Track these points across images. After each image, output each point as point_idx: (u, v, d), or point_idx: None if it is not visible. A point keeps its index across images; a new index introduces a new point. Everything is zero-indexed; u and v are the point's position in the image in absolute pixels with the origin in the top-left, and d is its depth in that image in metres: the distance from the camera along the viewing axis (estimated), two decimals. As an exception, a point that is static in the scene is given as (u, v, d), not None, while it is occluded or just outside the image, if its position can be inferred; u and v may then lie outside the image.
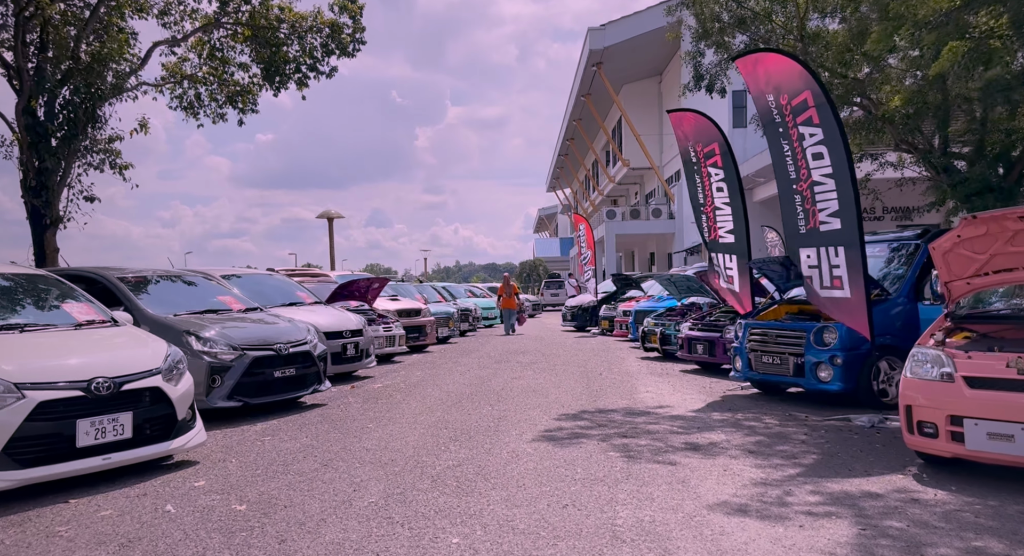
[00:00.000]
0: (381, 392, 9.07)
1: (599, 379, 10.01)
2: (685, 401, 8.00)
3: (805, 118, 6.45)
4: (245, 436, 6.45)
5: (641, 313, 15.07)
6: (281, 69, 18.53)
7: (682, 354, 10.92)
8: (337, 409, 7.83)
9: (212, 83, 19.26)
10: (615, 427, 6.52)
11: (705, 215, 9.03)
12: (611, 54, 36.99)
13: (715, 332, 10.27)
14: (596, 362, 12.33)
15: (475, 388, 9.26)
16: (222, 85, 19.29)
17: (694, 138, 8.88)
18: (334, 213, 22.95)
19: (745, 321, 8.27)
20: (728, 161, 8.63)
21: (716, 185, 8.78)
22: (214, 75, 19.07)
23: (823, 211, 6.54)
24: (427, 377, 10.54)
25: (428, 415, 7.32)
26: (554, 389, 9.08)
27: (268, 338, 7.59)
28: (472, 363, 12.49)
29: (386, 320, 13.11)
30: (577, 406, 7.75)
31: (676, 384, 9.40)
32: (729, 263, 8.85)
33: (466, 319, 20.82)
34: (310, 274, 14.51)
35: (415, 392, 8.99)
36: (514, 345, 16.42)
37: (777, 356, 7.65)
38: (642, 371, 10.96)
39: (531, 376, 10.45)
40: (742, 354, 8.15)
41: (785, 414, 7.09)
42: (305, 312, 10.20)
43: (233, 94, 19.20)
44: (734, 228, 8.71)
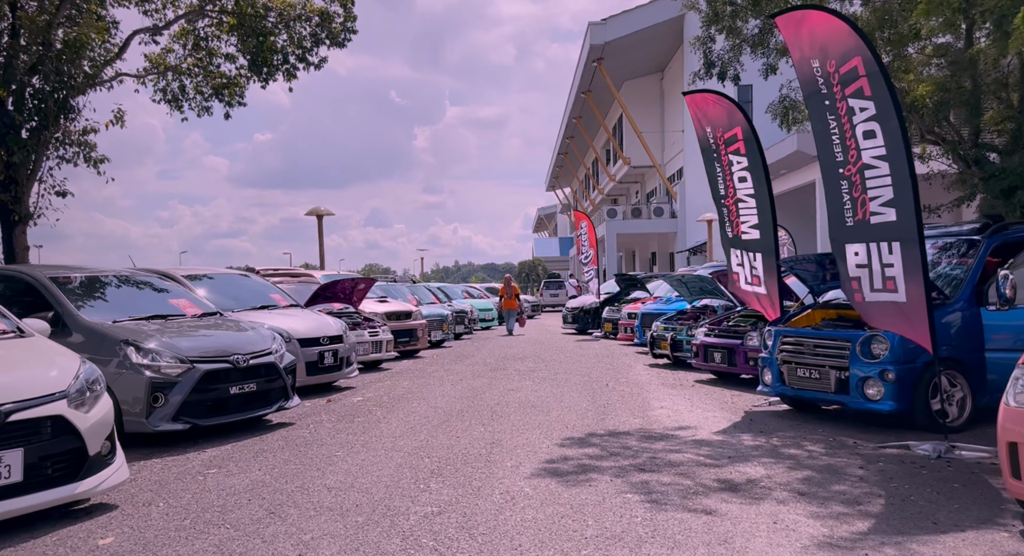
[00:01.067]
0: (360, 407, 8.02)
1: (606, 391, 8.97)
2: (707, 420, 6.95)
3: (855, 89, 5.40)
4: (186, 468, 5.39)
5: (648, 316, 14.03)
6: (268, 60, 17.57)
7: (697, 363, 9.88)
8: (305, 430, 6.77)
9: (197, 75, 18.31)
10: (630, 456, 5.47)
11: (726, 208, 7.98)
12: (612, 49, 36.00)
13: (735, 339, 9.22)
14: (601, 370, 11.28)
15: (467, 402, 8.21)
16: (207, 77, 18.36)
17: (713, 122, 7.83)
18: (324, 210, 21.88)
19: (775, 328, 7.22)
20: (752, 147, 7.59)
21: (738, 174, 7.74)
22: (199, 66, 18.14)
23: (875, 200, 5.49)
24: (414, 388, 9.48)
25: (409, 438, 6.27)
26: (556, 404, 8.03)
27: (225, 348, 6.54)
28: (465, 371, 11.44)
29: (372, 324, 12.06)
30: (583, 426, 6.70)
31: (693, 398, 8.35)
32: (754, 262, 7.80)
33: (461, 321, 19.77)
34: (292, 274, 13.46)
35: (398, 407, 7.94)
36: (511, 350, 15.38)
37: (815, 369, 6.60)
38: (652, 381, 9.91)
39: (530, 387, 9.41)
40: (772, 366, 7.10)
41: (829, 439, 6.04)
42: (278, 316, 9.15)
43: (219, 86, 18.26)
44: (759, 222, 7.67)
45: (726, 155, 7.79)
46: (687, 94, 8.17)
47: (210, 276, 9.70)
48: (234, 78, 18.24)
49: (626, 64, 38.69)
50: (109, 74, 17.44)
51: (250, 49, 17.35)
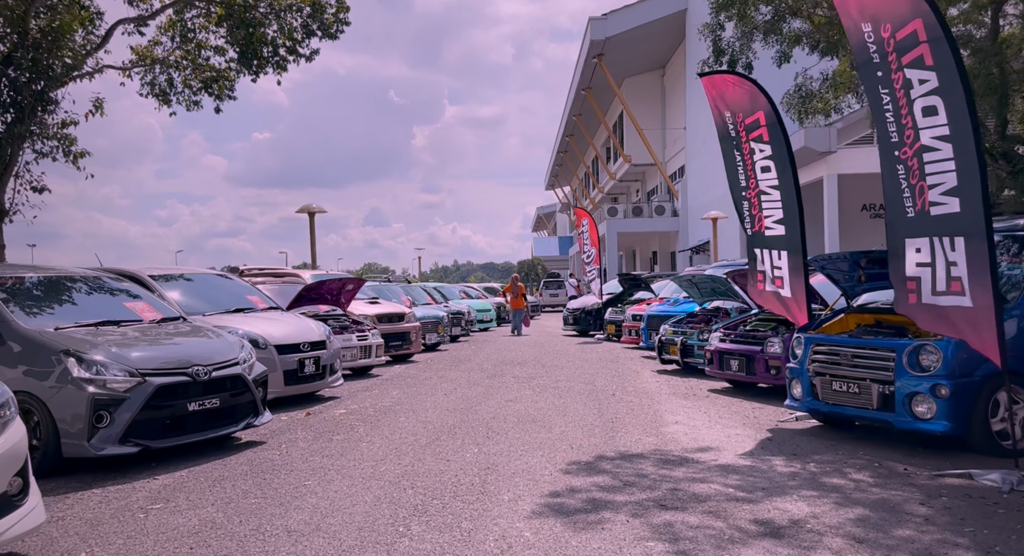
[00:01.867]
0: (341, 422, 7.23)
1: (613, 402, 8.19)
2: (730, 439, 6.17)
3: (914, 58, 4.62)
4: (128, 502, 4.60)
5: (655, 318, 13.24)
6: (258, 52, 16.82)
7: (711, 370, 9.10)
8: (276, 451, 5.98)
9: (186, 68, 17.56)
10: (648, 487, 4.69)
11: (748, 201, 7.19)
12: (613, 45, 35.24)
13: (754, 345, 8.44)
14: (606, 377, 10.50)
15: (460, 416, 7.43)
16: (196, 70, 17.62)
17: (733, 106, 7.05)
18: (315, 208, 21.07)
19: (806, 335, 6.44)
20: (777, 133, 6.81)
21: (761, 164, 6.95)
22: (187, 59, 17.40)
23: (935, 188, 4.71)
24: (404, 399, 8.69)
25: (393, 462, 5.49)
26: (559, 418, 7.25)
27: (184, 358, 5.75)
28: (460, 378, 10.65)
29: (361, 327, 11.28)
30: (591, 447, 5.92)
31: (710, 411, 7.57)
32: (778, 261, 7.02)
33: (458, 323, 18.98)
34: (276, 274, 12.67)
35: (384, 422, 7.15)
36: (510, 353, 14.59)
37: (853, 383, 5.82)
38: (663, 390, 9.13)
39: (529, 397, 8.62)
40: (802, 378, 6.32)
41: (874, 464, 5.26)
42: (254, 320, 8.37)
43: (208, 80, 17.52)
44: (784, 217, 6.89)
45: (747, 143, 7.01)
46: (703, 75, 7.39)
47: (183, 277, 8.92)
48: (223, 71, 17.56)
49: (627, 60, 37.97)
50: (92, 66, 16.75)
51: (239, 40, 16.64)
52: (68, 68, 15.37)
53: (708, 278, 10.92)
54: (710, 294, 11.33)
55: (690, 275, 11.46)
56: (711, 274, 10.96)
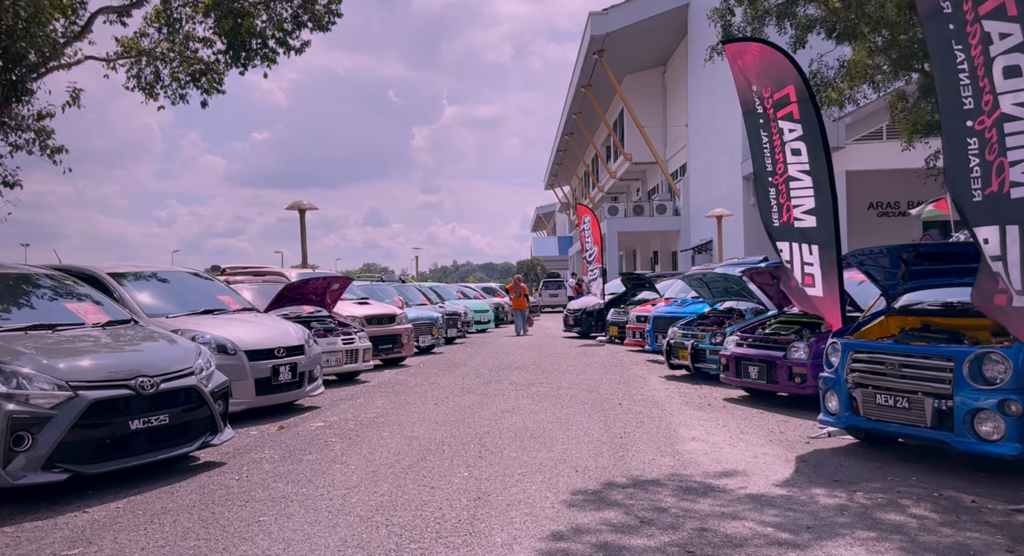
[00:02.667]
0: (317, 438, 6.43)
1: (620, 413, 7.40)
2: (757, 460, 5.39)
3: (993, 7, 3.83)
4: (37, 548, 3.80)
5: (661, 320, 12.46)
6: (246, 43, 16.06)
7: (726, 377, 8.31)
8: (235, 474, 5.19)
9: (173, 60, 16.80)
10: (670, 527, 3.90)
11: (775, 188, 6.40)
12: (613, 41, 34.50)
13: (775, 350, 7.66)
14: (611, 384, 9.71)
15: (450, 430, 6.64)
16: (184, 62, 16.87)
17: (759, 79, 6.26)
18: (306, 205, 20.26)
19: (843, 341, 5.65)
20: (809, 112, 6.03)
21: (791, 146, 6.17)
22: (174, 51, 16.64)
23: (1017, 165, 3.92)
24: (390, 409, 7.90)
25: (368, 490, 4.70)
26: (561, 432, 6.46)
27: (127, 367, 4.96)
28: (453, 384, 9.86)
29: (347, 329, 10.49)
30: (598, 469, 5.14)
31: (729, 425, 6.78)
32: (808, 256, 6.23)
33: (454, 324, 18.17)
34: (258, 272, 11.88)
35: (364, 438, 6.36)
36: (508, 357, 13.80)
37: (902, 396, 5.03)
38: (674, 399, 8.34)
39: (528, 407, 7.84)
40: (839, 389, 5.53)
41: (933, 494, 4.47)
42: (224, 323, 7.58)
43: (196, 73, 16.76)
44: (816, 207, 6.10)
45: (775, 121, 6.22)
46: (727, 43, 6.60)
47: (149, 275, 8.12)
48: (211, 64, 16.84)
49: (628, 57, 37.23)
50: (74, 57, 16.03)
51: (226, 31, 15.87)
52: (45, 57, 14.60)
53: (720, 277, 10.14)
54: (722, 294, 10.56)
55: (701, 274, 10.68)
56: (723, 273, 10.17)
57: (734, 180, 27.53)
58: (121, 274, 7.75)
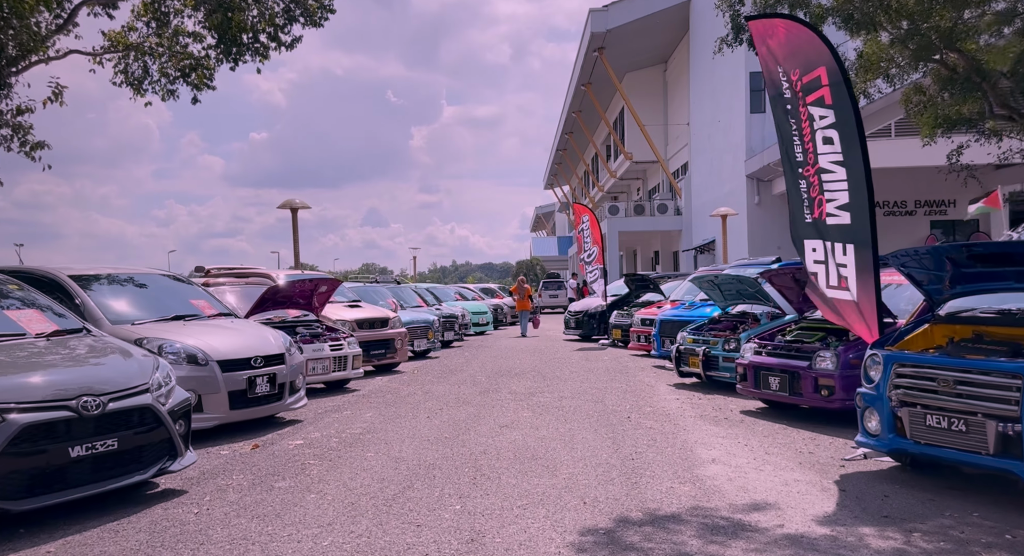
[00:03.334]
0: (294, 459, 5.78)
1: (629, 429, 6.76)
2: (789, 489, 4.74)
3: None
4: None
5: (668, 324, 11.83)
6: (237, 38, 15.47)
7: (744, 388, 7.67)
8: (193, 507, 4.54)
9: (161, 55, 16.20)
10: (699, 580, 3.26)
11: (805, 181, 5.75)
12: (614, 38, 33.88)
13: (799, 359, 7.02)
14: (616, 393, 9.07)
15: (442, 449, 5.99)
16: (173, 57, 16.28)
17: (788, 60, 5.62)
18: (298, 203, 19.61)
19: (885, 352, 5.01)
20: (842, 96, 5.39)
21: (823, 134, 5.53)
22: (163, 46, 16.06)
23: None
24: (377, 424, 7.25)
25: (342, 529, 4.05)
26: (565, 452, 5.82)
27: (70, 385, 4.31)
28: (448, 394, 9.22)
29: (336, 335, 9.84)
30: (609, 502, 4.50)
31: (751, 443, 6.14)
32: (842, 257, 5.59)
33: (451, 327, 17.51)
34: (242, 274, 11.23)
35: (346, 459, 5.71)
36: (507, 362, 13.16)
37: (958, 418, 4.39)
38: (686, 412, 7.70)
39: (528, 421, 7.20)
40: (881, 408, 4.89)
41: (1007, 537, 3.83)
42: (196, 330, 6.93)
43: (186, 68, 16.16)
44: (851, 202, 5.47)
45: (804, 107, 5.57)
46: (751, 19, 5.96)
47: (117, 278, 7.48)
48: (202, 59, 16.27)
49: (628, 54, 36.61)
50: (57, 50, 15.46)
51: (216, 25, 15.29)
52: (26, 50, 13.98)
53: (733, 278, 9.50)
54: (735, 297, 9.92)
55: (712, 275, 10.04)
56: (737, 274, 9.53)
57: (738, 179, 26.92)
58: (85, 277, 7.11)
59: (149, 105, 16.73)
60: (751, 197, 26.13)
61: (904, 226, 24.80)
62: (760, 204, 26.04)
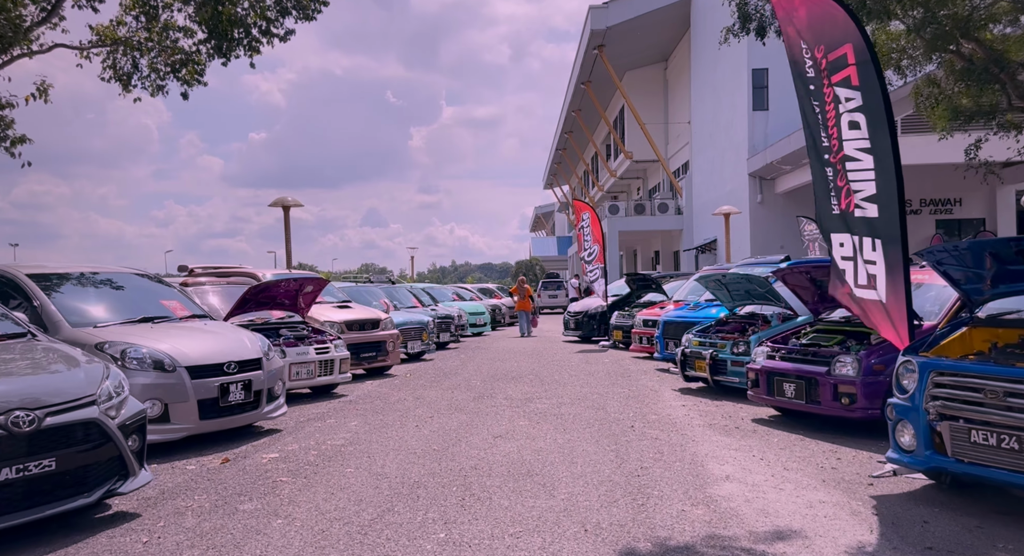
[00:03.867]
0: (265, 475, 5.26)
1: (634, 439, 6.24)
2: (815, 513, 4.23)
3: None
4: None
5: (672, 325, 11.31)
6: (228, 32, 15.01)
7: (755, 395, 7.15)
8: (144, 535, 4.01)
9: (151, 50, 15.74)
10: (723, 634, 2.75)
11: (831, 168, 5.24)
12: (614, 35, 33.39)
13: (817, 365, 6.50)
14: (618, 398, 8.56)
15: (430, 463, 5.47)
16: (163, 52, 15.82)
17: (812, 36, 5.11)
18: (290, 201, 19.10)
19: (920, 359, 4.49)
20: (870, 76, 4.88)
21: (849, 118, 5.02)
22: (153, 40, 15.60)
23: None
24: (362, 434, 6.73)
25: (311, 562, 3.54)
26: (564, 467, 5.31)
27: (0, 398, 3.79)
28: (441, 399, 8.70)
29: (322, 337, 9.32)
30: (613, 529, 3.98)
31: (767, 456, 5.63)
32: (870, 254, 5.08)
33: (447, 328, 17.00)
34: (225, 273, 10.72)
35: (323, 475, 5.20)
36: (504, 364, 12.64)
37: (1010, 434, 3.88)
38: (694, 420, 7.19)
39: (525, 431, 6.68)
40: (916, 421, 4.37)
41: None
42: (165, 333, 6.41)
43: (176, 63, 15.71)
44: (879, 192, 4.96)
45: (830, 87, 5.06)
46: (772, -10, 5.44)
47: (82, 277, 6.95)
48: (192, 54, 15.81)
49: (628, 52, 36.13)
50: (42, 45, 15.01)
51: (206, 19, 14.83)
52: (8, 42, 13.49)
53: (742, 278, 8.99)
54: (743, 297, 9.41)
55: (719, 274, 9.52)
56: (747, 274, 9.02)
57: (740, 177, 26.42)
58: (47, 277, 6.59)
59: (138, 101, 16.25)
60: (753, 196, 25.64)
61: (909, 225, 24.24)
62: (763, 203, 25.56)
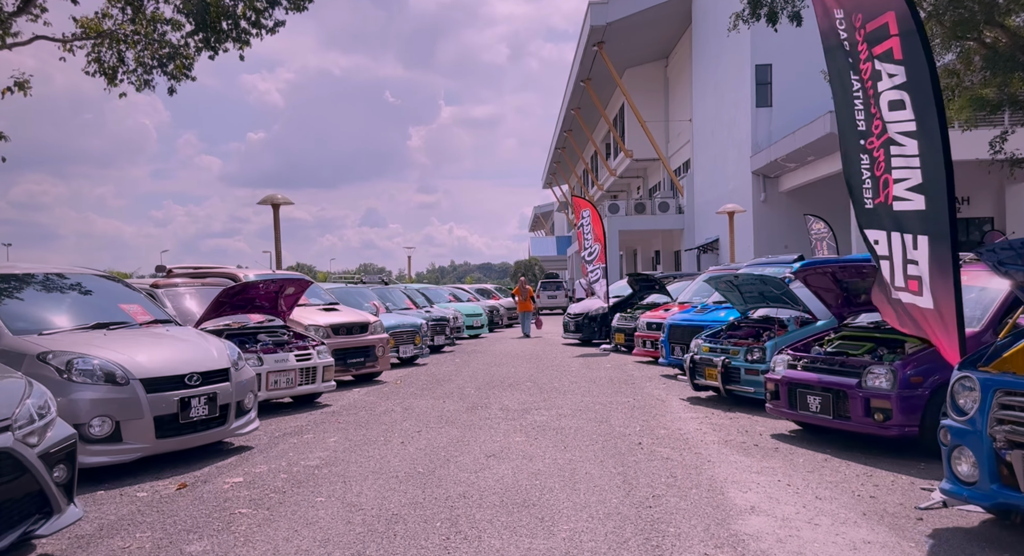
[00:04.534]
0: (223, 506, 4.61)
1: (642, 459, 5.60)
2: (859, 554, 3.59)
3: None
4: None
5: (679, 329, 10.67)
6: (216, 24, 14.46)
7: (775, 407, 6.51)
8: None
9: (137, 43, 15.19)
10: None
11: (870, 155, 4.61)
12: (614, 32, 32.77)
13: (846, 376, 5.85)
14: (623, 409, 7.92)
15: (412, 492, 4.82)
16: (149, 45, 15.25)
17: (851, 2, 4.47)
18: (281, 199, 18.48)
19: (981, 374, 3.85)
20: (915, 48, 4.24)
21: (890, 96, 4.38)
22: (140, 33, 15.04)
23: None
24: (340, 452, 6.08)
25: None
26: (565, 496, 4.66)
27: None
28: (431, 410, 8.06)
29: (304, 343, 8.67)
30: (624, 578, 3.34)
31: (794, 481, 4.98)
32: (913, 252, 4.44)
33: (442, 331, 16.36)
34: (202, 273, 10.06)
35: (288, 506, 4.54)
36: (500, 369, 12.00)
37: (1101, 467, 3.23)
38: (707, 436, 6.54)
39: (520, 449, 6.03)
40: (978, 448, 3.73)
41: None
42: (121, 340, 5.76)
43: (164, 57, 15.15)
44: (925, 182, 4.33)
45: (868, 61, 4.42)
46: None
47: (31, 278, 6.28)
48: (180, 47, 15.25)
49: (628, 49, 35.53)
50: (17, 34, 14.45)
51: (193, 11, 14.25)
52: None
53: (756, 279, 8.35)
54: (756, 300, 8.77)
55: (730, 275, 8.87)
56: (762, 274, 8.38)
57: (743, 175, 25.81)
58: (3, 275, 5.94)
59: (124, 96, 15.65)
60: (757, 194, 25.03)
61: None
62: (766, 201, 24.95)
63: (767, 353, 7.71)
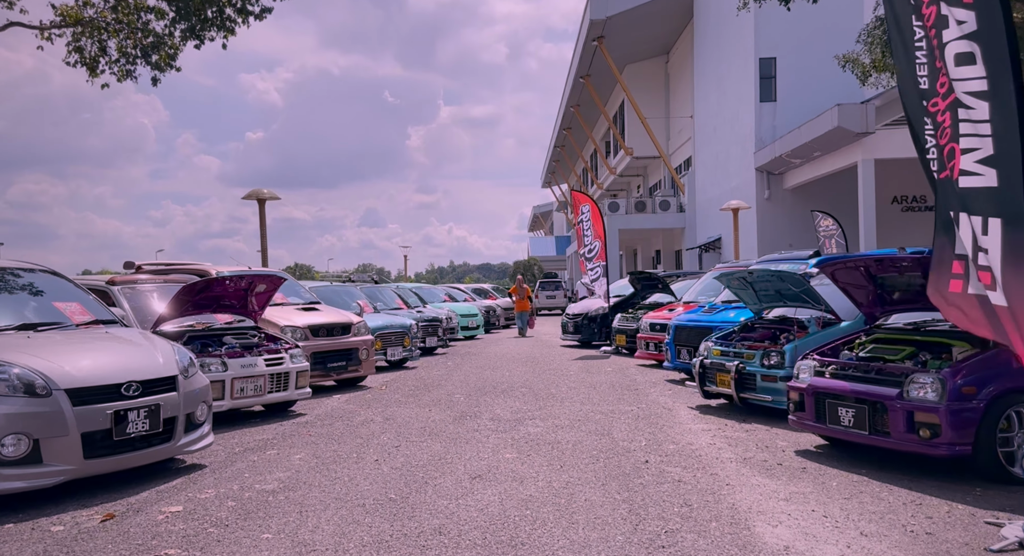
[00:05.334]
0: (147, 546, 3.82)
1: (650, 482, 4.83)
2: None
3: None
4: None
5: (685, 330, 9.90)
6: (201, 11, 13.78)
7: (799, 420, 5.74)
8: None
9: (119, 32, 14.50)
10: None
11: (932, 119, 3.84)
12: (614, 26, 31.99)
13: (885, 385, 5.08)
14: (626, 419, 7.15)
15: (379, 525, 4.05)
16: (132, 34, 14.56)
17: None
18: (266, 193, 17.68)
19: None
20: (984, -9, 3.48)
21: (957, 48, 3.62)
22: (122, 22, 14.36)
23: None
24: (303, 473, 5.30)
25: None
26: (560, 531, 3.89)
27: None
28: (414, 421, 7.29)
29: (275, 346, 7.90)
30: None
31: (831, 511, 4.21)
32: (983, 237, 3.69)
33: (434, 332, 15.57)
34: (168, 270, 9.28)
35: (226, 546, 3.76)
36: (494, 373, 11.23)
37: None
38: (723, 452, 5.77)
39: (510, 469, 5.26)
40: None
41: None
42: (48, 344, 4.99)
43: (147, 47, 14.47)
44: (997, 153, 3.57)
45: (932, 4, 3.65)
46: None
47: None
48: (164, 36, 14.57)
49: (629, 44, 34.77)
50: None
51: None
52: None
53: (772, 276, 7.58)
54: (772, 298, 7.99)
55: (743, 272, 8.09)
56: (779, 270, 7.60)
57: (746, 172, 25.06)
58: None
59: (106, 87, 14.91)
60: (760, 191, 24.27)
61: (924, 223, 22.81)
62: (770, 199, 24.19)
63: (786, 357, 6.95)
